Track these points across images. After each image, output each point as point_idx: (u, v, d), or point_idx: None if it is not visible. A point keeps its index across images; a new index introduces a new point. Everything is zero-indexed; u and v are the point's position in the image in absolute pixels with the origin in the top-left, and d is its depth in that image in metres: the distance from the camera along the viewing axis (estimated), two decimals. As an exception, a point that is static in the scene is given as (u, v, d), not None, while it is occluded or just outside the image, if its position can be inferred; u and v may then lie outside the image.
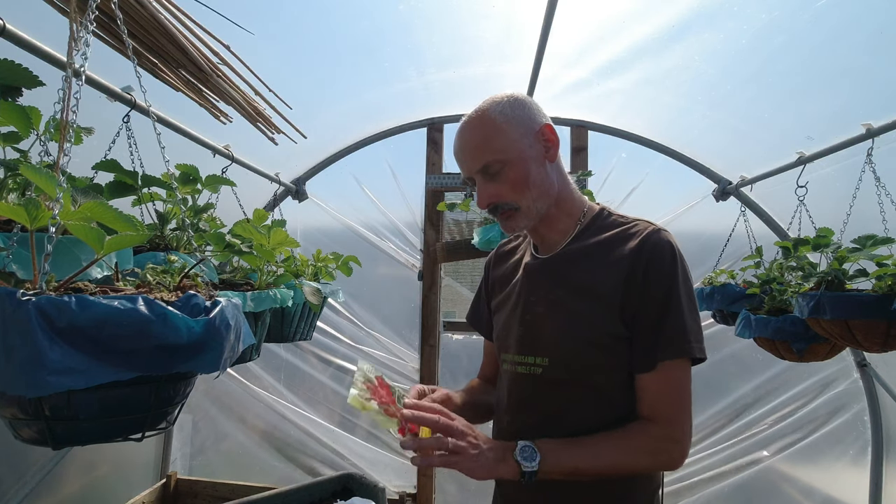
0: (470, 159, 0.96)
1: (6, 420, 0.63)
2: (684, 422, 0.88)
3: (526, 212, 0.96)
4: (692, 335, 0.88)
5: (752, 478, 2.45)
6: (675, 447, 0.87)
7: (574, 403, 0.94)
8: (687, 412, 0.89)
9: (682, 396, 0.88)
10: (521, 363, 0.99)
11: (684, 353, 0.87)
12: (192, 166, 1.32)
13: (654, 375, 0.88)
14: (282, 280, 1.41)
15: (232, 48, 1.28)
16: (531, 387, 0.98)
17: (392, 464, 2.61)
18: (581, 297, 0.94)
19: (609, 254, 0.94)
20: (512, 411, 1.03)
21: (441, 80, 2.27)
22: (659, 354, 0.87)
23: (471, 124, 0.96)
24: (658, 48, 1.82)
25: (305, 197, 2.68)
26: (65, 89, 0.77)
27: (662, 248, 0.90)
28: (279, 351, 2.69)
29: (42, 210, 0.62)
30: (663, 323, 0.87)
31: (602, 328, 0.91)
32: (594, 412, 0.93)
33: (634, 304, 0.89)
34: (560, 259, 1.00)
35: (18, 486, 1.70)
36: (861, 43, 1.56)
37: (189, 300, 0.64)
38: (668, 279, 0.89)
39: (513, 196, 0.95)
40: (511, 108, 0.95)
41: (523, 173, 0.94)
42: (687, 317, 0.88)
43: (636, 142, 2.54)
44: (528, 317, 1.00)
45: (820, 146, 1.85)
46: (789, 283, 1.77)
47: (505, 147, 0.93)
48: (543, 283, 1.01)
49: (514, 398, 1.02)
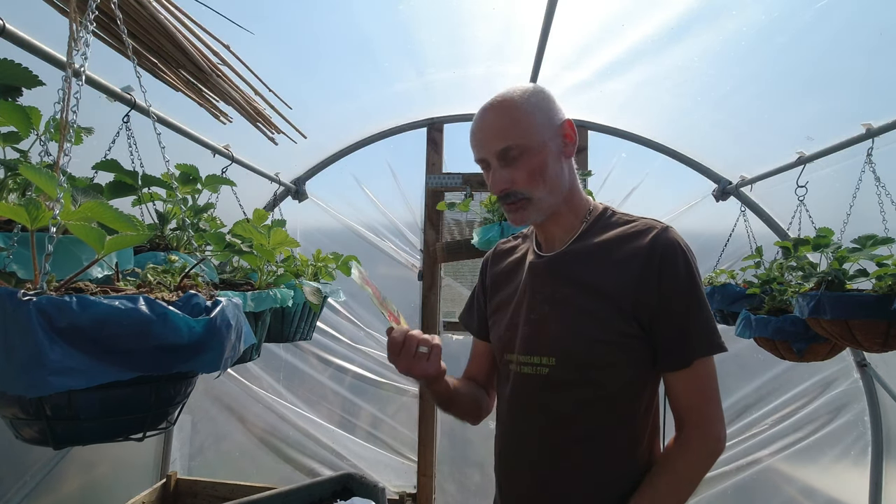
0: (492, 139, 0.94)
1: (7, 420, 0.63)
2: (719, 411, 0.91)
3: (537, 204, 0.95)
4: (717, 330, 0.91)
5: (752, 478, 2.45)
6: (716, 444, 0.90)
7: (581, 403, 0.93)
8: (719, 403, 0.92)
9: (714, 389, 0.91)
10: (527, 363, 0.98)
11: (716, 348, 0.90)
12: (192, 166, 1.32)
13: (688, 373, 0.90)
14: (282, 280, 1.41)
15: (232, 48, 1.28)
16: (538, 387, 0.96)
17: (392, 464, 2.61)
18: (589, 296, 0.93)
19: (617, 252, 0.94)
20: (516, 413, 1.01)
21: (441, 80, 2.27)
22: (694, 353, 0.89)
23: (496, 106, 0.95)
24: (658, 48, 1.82)
25: (305, 197, 2.68)
26: (65, 89, 0.77)
27: (675, 247, 0.91)
28: (279, 351, 2.69)
29: (42, 210, 0.62)
30: (691, 321, 0.89)
31: (612, 326, 0.90)
32: (601, 411, 0.93)
33: (650, 303, 0.89)
34: (566, 257, 0.99)
35: (19, 486, 1.70)
36: (861, 43, 1.56)
37: (190, 300, 0.64)
38: (686, 278, 0.90)
39: (527, 185, 0.94)
40: (537, 98, 0.95)
41: (541, 163, 0.93)
42: (709, 313, 0.92)
43: (636, 142, 2.54)
44: (534, 316, 0.99)
45: (820, 146, 1.85)
46: (789, 283, 1.78)
47: (528, 133, 0.93)
48: (550, 281, 0.99)
49: (520, 399, 1.00)
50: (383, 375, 2.67)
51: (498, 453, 1.07)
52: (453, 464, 2.63)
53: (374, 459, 2.62)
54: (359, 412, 2.68)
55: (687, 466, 0.89)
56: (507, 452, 1.04)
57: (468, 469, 2.63)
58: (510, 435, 1.03)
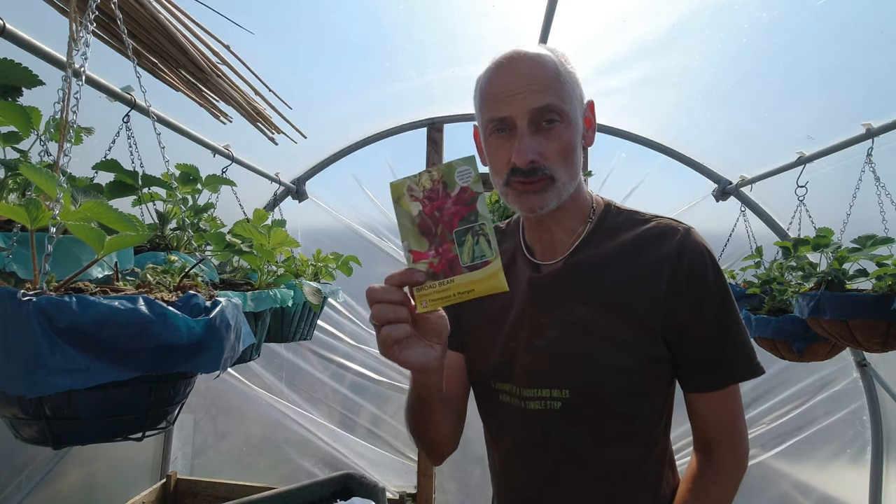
0: (531, 91, 0.73)
1: (7, 420, 0.63)
2: (745, 426, 0.82)
3: (560, 187, 0.78)
4: (753, 349, 0.81)
5: (749, 475, 2.44)
6: (746, 461, 0.81)
7: (602, 439, 0.81)
8: (744, 419, 0.83)
9: (741, 407, 0.82)
10: (535, 398, 0.82)
11: (754, 371, 0.79)
12: (192, 166, 1.32)
13: (720, 395, 0.79)
14: (282, 280, 1.41)
15: (232, 48, 1.28)
16: (550, 424, 0.82)
17: (392, 464, 2.62)
18: (609, 316, 0.79)
19: (637, 260, 0.81)
20: (520, 453, 0.88)
21: (441, 80, 2.27)
22: (730, 377, 0.79)
23: (532, 57, 0.75)
24: (658, 47, 1.82)
25: (305, 197, 2.68)
26: (65, 89, 0.77)
27: (702, 252, 0.80)
28: (279, 350, 2.69)
29: (42, 210, 0.62)
30: (726, 340, 0.79)
31: (638, 351, 0.78)
32: (620, 446, 0.82)
33: (680, 321, 0.77)
34: (575, 269, 0.84)
35: (18, 486, 1.70)
36: (861, 42, 1.56)
37: (189, 300, 0.64)
38: (719, 291, 0.79)
39: (558, 161, 0.76)
40: (572, 65, 0.80)
41: (574, 141, 0.77)
42: (744, 329, 0.81)
43: (636, 142, 2.54)
44: (540, 342, 0.83)
45: (820, 146, 1.85)
46: (789, 283, 1.78)
47: (569, 99, 0.76)
48: (558, 301, 0.83)
49: (525, 439, 0.86)
50: (384, 374, 2.67)
51: (502, 501, 0.95)
52: (453, 462, 2.63)
53: (374, 459, 2.62)
54: (359, 411, 2.69)
55: (720, 490, 0.80)
56: (522, 497, 0.90)
57: (468, 467, 2.63)
58: (517, 480, 0.90)
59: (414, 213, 0.62)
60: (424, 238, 0.62)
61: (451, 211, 0.62)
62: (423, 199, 0.62)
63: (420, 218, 0.62)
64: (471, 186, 0.62)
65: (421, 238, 0.62)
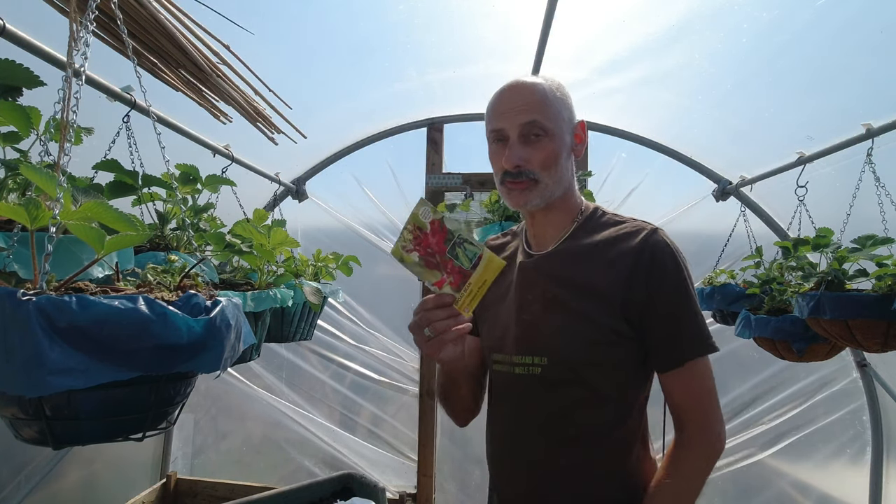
0: (522, 110, 0.94)
1: (7, 420, 0.63)
2: (717, 410, 0.92)
3: (543, 188, 0.96)
4: (707, 331, 0.92)
5: (749, 475, 2.45)
6: (717, 442, 0.90)
7: (574, 403, 0.94)
8: (717, 402, 0.92)
9: (711, 388, 0.92)
10: (519, 364, 0.98)
11: (707, 349, 0.91)
12: (192, 166, 1.32)
13: (682, 373, 0.90)
14: (282, 280, 1.41)
15: (232, 48, 1.28)
16: (531, 387, 0.97)
17: (392, 464, 2.62)
18: (580, 296, 0.94)
19: (608, 252, 0.95)
20: (511, 414, 1.02)
21: (441, 80, 2.27)
22: (685, 354, 0.90)
23: (527, 84, 0.97)
24: (658, 48, 1.82)
25: (305, 197, 2.68)
26: (65, 89, 0.77)
27: (664, 247, 0.93)
28: (279, 350, 2.69)
29: (42, 210, 0.62)
30: (681, 322, 0.91)
31: (603, 326, 0.91)
32: (595, 410, 0.94)
33: (640, 303, 0.90)
34: (557, 257, 1.00)
35: (18, 486, 1.70)
36: (862, 42, 1.56)
37: (189, 300, 0.64)
38: (676, 279, 0.91)
39: (540, 167, 0.95)
40: (562, 91, 0.99)
41: (557, 151, 0.95)
42: (699, 313, 0.92)
43: (636, 142, 2.53)
44: (526, 316, 0.99)
45: (820, 146, 1.85)
46: (789, 283, 1.77)
47: (554, 118, 0.95)
48: (540, 281, 1.00)
49: (513, 400, 1.01)
50: (384, 374, 2.67)
51: (492, 455, 1.07)
52: (453, 463, 2.64)
53: (374, 459, 2.62)
54: (360, 411, 2.69)
55: (690, 467, 0.90)
56: (504, 453, 1.04)
57: (469, 467, 2.63)
58: (506, 436, 1.04)
59: (416, 259, 0.82)
60: (434, 270, 0.81)
61: (435, 242, 0.81)
62: (415, 248, 0.82)
63: (422, 260, 0.82)
64: (434, 218, 0.81)
65: (432, 272, 0.81)
